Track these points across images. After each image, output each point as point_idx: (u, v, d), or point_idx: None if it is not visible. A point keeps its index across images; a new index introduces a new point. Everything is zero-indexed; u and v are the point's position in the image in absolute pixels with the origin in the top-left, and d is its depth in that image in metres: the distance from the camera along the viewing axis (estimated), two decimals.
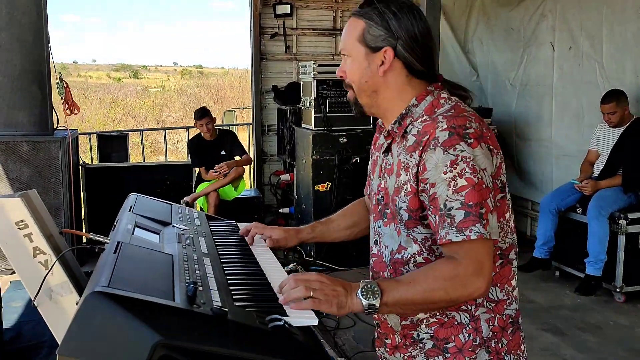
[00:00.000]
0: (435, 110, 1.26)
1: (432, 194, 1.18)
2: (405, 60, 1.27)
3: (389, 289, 1.16)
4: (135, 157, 8.16)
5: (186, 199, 4.92)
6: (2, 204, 1.28)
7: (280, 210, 5.75)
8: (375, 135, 1.47)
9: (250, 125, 6.39)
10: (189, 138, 5.51)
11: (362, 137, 4.90)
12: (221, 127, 5.71)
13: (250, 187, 6.21)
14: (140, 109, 25.42)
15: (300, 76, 5.26)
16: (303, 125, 5.19)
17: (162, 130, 7.58)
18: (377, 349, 1.44)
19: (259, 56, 5.93)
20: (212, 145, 5.25)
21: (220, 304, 1.05)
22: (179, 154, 13.26)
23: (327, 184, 4.93)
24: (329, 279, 1.20)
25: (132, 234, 1.38)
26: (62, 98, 4.65)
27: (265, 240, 1.62)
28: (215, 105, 26.90)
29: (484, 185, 1.16)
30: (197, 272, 1.23)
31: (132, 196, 1.83)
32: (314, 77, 4.86)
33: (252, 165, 6.04)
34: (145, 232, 1.46)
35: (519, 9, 5.42)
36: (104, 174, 5.15)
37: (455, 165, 1.15)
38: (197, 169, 5.39)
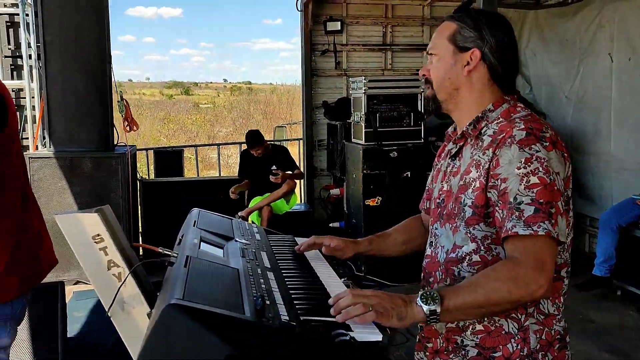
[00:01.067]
0: (512, 114, 1.31)
1: (503, 188, 1.19)
2: (490, 65, 1.33)
3: (449, 294, 1.16)
4: (188, 172, 8.38)
5: (241, 213, 5.01)
6: (80, 219, 1.36)
7: (331, 225, 5.77)
8: (443, 144, 1.51)
9: (301, 141, 6.47)
10: (242, 151, 5.61)
11: (413, 151, 4.89)
12: (272, 143, 5.79)
13: (301, 201, 6.27)
14: (192, 124, 26.09)
15: (350, 91, 5.30)
16: (353, 140, 5.22)
17: (214, 146, 7.75)
18: (416, 353, 1.43)
19: (310, 72, 6.01)
20: (264, 160, 5.34)
21: (287, 318, 1.08)
22: (229, 168, 13.52)
23: (378, 199, 4.93)
24: (384, 293, 1.21)
25: (199, 248, 1.43)
26: (122, 115, 4.85)
27: (323, 247, 1.65)
28: (264, 120, 27.32)
29: (555, 187, 1.17)
30: (263, 286, 1.26)
31: (195, 211, 1.89)
32: (364, 93, 4.89)
33: (302, 180, 6.10)
34: (210, 247, 1.51)
35: (574, 20, 5.31)
36: (160, 188, 5.32)
37: (529, 163, 1.17)
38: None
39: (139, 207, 5.22)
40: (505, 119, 1.30)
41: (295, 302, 1.23)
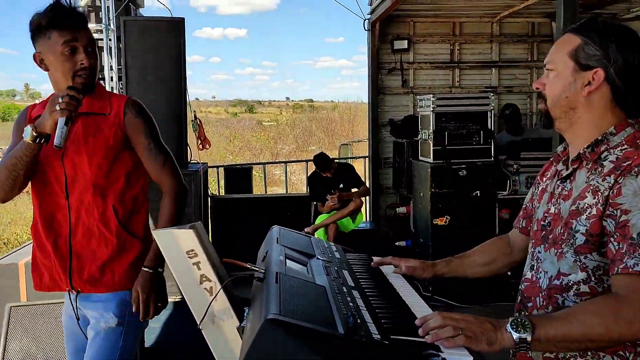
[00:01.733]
0: (638, 141, 1.22)
1: (623, 220, 1.13)
2: (614, 86, 1.23)
3: (541, 323, 1.12)
4: (254, 189, 8.56)
5: (307, 229, 5.07)
6: (176, 234, 1.43)
7: (397, 243, 5.73)
8: (548, 163, 1.45)
9: (366, 158, 6.49)
10: (309, 173, 5.68)
11: (483, 169, 4.81)
12: (338, 161, 5.84)
13: (366, 219, 6.27)
14: (256, 142, 26.68)
15: (417, 109, 5.29)
16: (421, 158, 5.19)
17: (279, 164, 7.89)
18: None
19: (376, 90, 6.04)
20: (331, 179, 5.39)
21: (379, 336, 1.09)
22: (292, 185, 13.72)
23: (446, 218, 4.86)
24: (473, 316, 1.19)
25: (285, 265, 1.47)
26: (195, 134, 5.04)
27: (401, 267, 1.66)
28: (326, 137, 27.59)
29: None
30: (350, 304, 1.28)
31: (275, 228, 1.94)
32: (432, 110, 4.86)
33: (368, 198, 6.10)
34: (295, 264, 1.55)
35: None
36: (230, 205, 5.46)
37: None
38: (315, 202, 5.54)
39: (209, 222, 5.38)
40: (630, 145, 1.20)
41: (382, 320, 1.24)
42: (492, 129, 4.84)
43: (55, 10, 1.75)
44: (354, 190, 5.40)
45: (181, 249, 1.42)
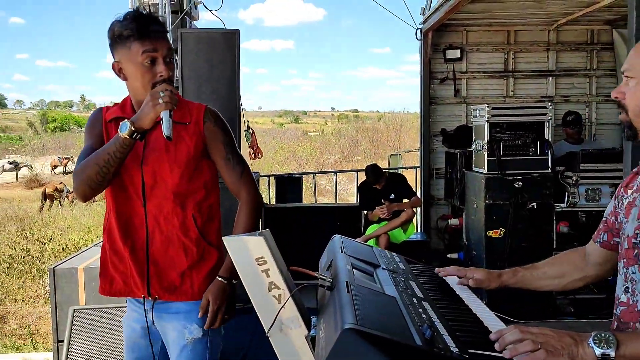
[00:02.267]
0: None
1: None
2: None
3: (627, 340, 1.07)
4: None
5: (358, 240, 5.03)
6: (246, 241, 1.44)
7: (449, 256, 5.63)
8: (632, 175, 1.39)
9: (418, 169, 6.42)
10: (357, 183, 5.66)
11: (540, 181, 4.68)
12: (390, 171, 5.80)
13: (417, 230, 6.19)
14: (302, 152, 26.88)
15: (471, 119, 5.20)
16: (474, 168, 5.09)
17: (327, 173, 7.91)
18: None
19: (428, 100, 5.98)
20: (382, 189, 5.35)
21: (458, 350, 1.07)
22: (338, 195, 13.72)
23: (501, 230, 4.75)
24: (553, 330, 1.15)
25: (353, 274, 1.46)
26: (248, 143, 5.11)
27: (468, 280, 1.62)
28: (371, 148, 27.51)
29: None
30: (423, 315, 1.26)
31: (337, 237, 1.94)
32: (487, 120, 4.77)
33: (419, 209, 6.03)
34: (361, 273, 1.54)
35: None
36: (281, 214, 5.50)
37: None
38: (365, 212, 5.52)
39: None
40: None
41: (457, 333, 1.22)
42: (550, 139, 4.70)
43: (136, 19, 1.73)
44: (405, 201, 5.35)
45: (251, 255, 1.43)
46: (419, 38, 5.91)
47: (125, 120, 1.70)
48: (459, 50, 5.90)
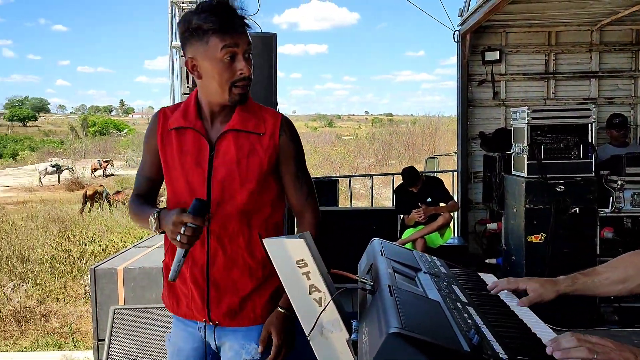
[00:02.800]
0: None
1: None
2: None
3: None
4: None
5: (395, 243, 4.98)
6: (286, 243, 1.43)
7: (487, 261, 5.52)
8: None
9: (455, 173, 6.33)
10: (394, 187, 5.61)
11: (582, 185, 4.55)
12: (426, 175, 5.73)
13: (455, 235, 6.10)
14: (336, 156, 26.93)
15: (511, 122, 5.09)
16: (514, 172, 4.98)
17: (362, 177, 7.86)
18: None
19: (467, 103, 5.89)
20: (419, 193, 5.29)
21: (506, 356, 1.03)
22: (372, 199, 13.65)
23: (542, 235, 4.63)
24: (614, 342, 1.10)
25: (395, 278, 1.44)
26: None
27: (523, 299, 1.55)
28: (406, 152, 27.32)
29: None
30: (469, 321, 1.23)
31: (377, 240, 1.91)
32: (527, 123, 4.66)
33: (456, 213, 5.94)
34: (403, 277, 1.51)
35: None
36: None
37: None
38: (401, 216, 5.46)
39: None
40: None
41: (505, 340, 1.18)
42: (593, 142, 4.57)
43: (216, 11, 1.55)
44: (442, 205, 5.27)
45: (291, 258, 1.42)
46: (456, 40, 5.83)
47: (151, 217, 1.58)
48: (498, 51, 5.80)
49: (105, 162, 30.31)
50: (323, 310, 1.38)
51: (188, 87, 6.46)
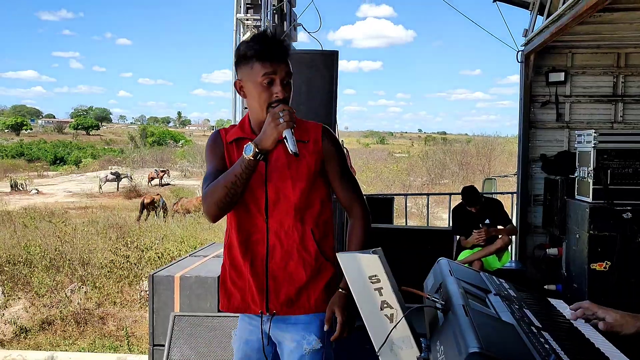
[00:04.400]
0: None
1: None
2: None
3: None
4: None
5: (461, 264, 4.91)
6: (359, 258, 1.46)
7: (546, 287, 5.36)
8: None
9: (514, 195, 6.19)
10: (455, 207, 5.52)
11: None
12: (485, 196, 5.63)
13: (512, 259, 5.95)
14: (388, 173, 26.79)
15: (575, 145, 4.96)
16: (577, 197, 4.84)
17: (415, 195, 7.78)
18: None
19: (528, 124, 5.78)
20: (477, 214, 5.20)
21: None
22: (423, 217, 13.47)
23: (606, 263, 4.48)
24: None
25: (467, 298, 1.43)
26: None
27: (598, 322, 1.51)
28: (460, 171, 26.88)
29: None
30: (545, 346, 1.21)
31: (444, 260, 1.91)
32: (594, 147, 4.54)
33: (514, 237, 5.79)
34: (474, 298, 1.50)
35: None
36: (372, 235, 5.47)
37: None
38: (457, 237, 5.37)
39: None
40: None
41: None
42: None
43: (259, 41, 1.81)
44: (500, 227, 5.16)
45: (364, 273, 1.45)
46: (519, 60, 5.74)
47: (249, 142, 1.75)
48: (563, 73, 5.67)
49: (162, 171, 31.18)
50: (394, 327, 1.40)
51: None
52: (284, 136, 1.73)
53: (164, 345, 5.57)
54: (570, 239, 4.92)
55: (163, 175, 30.74)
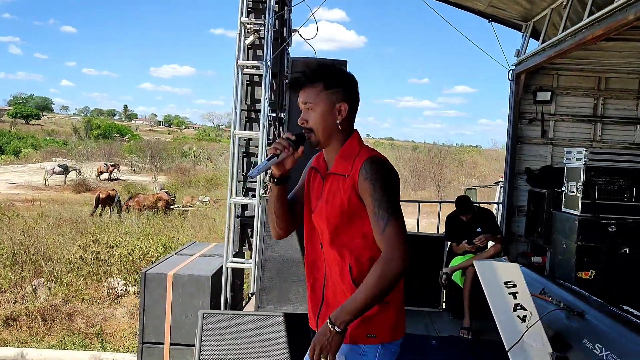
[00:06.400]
0: None
1: None
2: None
3: None
4: None
5: (445, 270, 5.15)
6: (497, 266, 1.63)
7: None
8: None
9: (499, 205, 6.53)
10: (448, 215, 5.78)
11: (634, 227, 4.77)
12: (478, 206, 5.93)
13: None
14: None
15: (564, 161, 5.33)
16: (565, 209, 5.20)
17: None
18: None
19: (516, 139, 6.14)
20: (469, 222, 5.47)
21: None
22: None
23: (592, 272, 4.84)
24: None
25: (590, 304, 1.63)
26: None
27: None
28: (412, 178, 27.60)
29: None
30: None
31: (524, 269, 2.11)
32: (584, 164, 4.90)
33: None
34: (583, 302, 1.71)
35: None
36: None
37: None
38: (448, 243, 5.63)
39: None
40: None
41: None
42: None
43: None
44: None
45: (500, 279, 1.62)
46: (510, 79, 6.10)
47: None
48: (550, 92, 6.06)
49: (112, 166, 30.34)
50: (530, 327, 1.58)
51: (246, 103, 6.69)
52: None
53: (154, 343, 5.61)
54: (556, 249, 5.27)
55: (113, 169, 29.92)
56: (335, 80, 1.85)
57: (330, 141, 1.86)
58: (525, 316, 1.53)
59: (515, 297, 1.53)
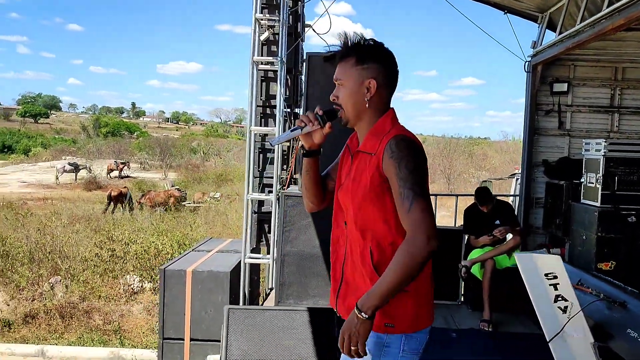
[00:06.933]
0: None
1: None
2: None
3: None
4: None
5: (465, 263, 5.15)
6: (538, 258, 1.64)
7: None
8: None
9: (516, 197, 6.52)
10: (467, 207, 5.78)
11: None
12: (497, 198, 5.92)
13: None
14: None
15: (583, 152, 5.30)
16: (584, 200, 5.19)
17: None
18: None
19: (533, 131, 6.11)
20: (488, 215, 5.47)
21: None
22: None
23: (612, 263, 4.83)
24: None
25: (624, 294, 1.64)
26: None
27: None
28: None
29: None
30: None
31: (560, 258, 2.11)
32: (603, 155, 4.88)
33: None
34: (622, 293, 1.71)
35: None
36: None
37: None
38: (466, 236, 5.63)
39: None
40: None
41: None
42: None
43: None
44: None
45: (540, 271, 1.63)
46: (527, 70, 6.07)
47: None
48: (566, 84, 6.03)
49: (122, 163, 30.50)
50: (571, 317, 1.58)
51: (261, 99, 6.70)
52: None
53: (174, 339, 5.65)
54: (575, 240, 5.26)
55: (123, 167, 30.08)
56: (368, 54, 1.77)
57: (360, 119, 1.82)
58: (566, 307, 1.54)
59: (556, 289, 1.54)
